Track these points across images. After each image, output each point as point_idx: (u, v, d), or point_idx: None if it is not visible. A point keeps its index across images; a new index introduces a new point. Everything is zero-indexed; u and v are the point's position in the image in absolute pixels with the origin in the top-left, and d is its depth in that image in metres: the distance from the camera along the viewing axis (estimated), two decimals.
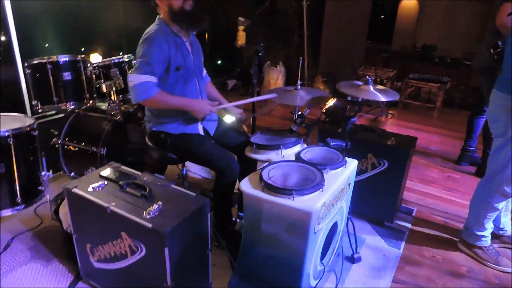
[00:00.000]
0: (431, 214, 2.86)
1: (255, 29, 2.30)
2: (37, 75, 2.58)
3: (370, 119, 5.03)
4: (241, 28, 5.44)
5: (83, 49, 4.52)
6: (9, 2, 2.95)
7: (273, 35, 5.94)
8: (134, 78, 2.06)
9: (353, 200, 2.20)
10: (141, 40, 2.12)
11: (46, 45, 4.09)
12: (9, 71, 3.20)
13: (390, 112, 5.24)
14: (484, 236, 2.34)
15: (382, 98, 1.93)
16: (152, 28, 2.16)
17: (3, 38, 3.77)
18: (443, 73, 5.83)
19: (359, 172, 2.54)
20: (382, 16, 8.90)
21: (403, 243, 2.50)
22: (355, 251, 2.28)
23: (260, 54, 2.40)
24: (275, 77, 5.67)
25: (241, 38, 5.48)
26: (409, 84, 5.49)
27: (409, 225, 2.69)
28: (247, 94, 5.61)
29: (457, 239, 2.51)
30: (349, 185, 2.03)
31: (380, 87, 2.11)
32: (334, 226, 1.98)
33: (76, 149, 2.71)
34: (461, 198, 3.10)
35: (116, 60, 2.89)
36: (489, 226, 2.34)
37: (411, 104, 5.60)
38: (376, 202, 2.59)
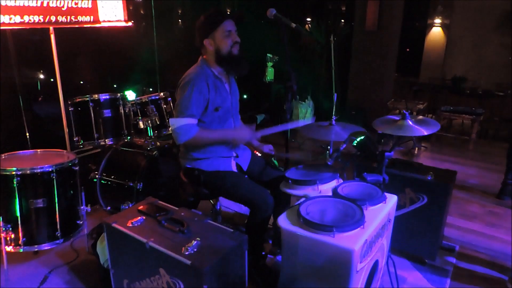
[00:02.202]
0: (475, 252, 2.72)
1: (287, 67, 2.35)
2: (80, 112, 2.71)
3: (401, 152, 4.93)
4: (269, 64, 5.55)
5: (115, 85, 4.73)
6: (54, 46, 3.14)
7: (301, 70, 6.02)
8: (175, 122, 2.14)
9: (391, 237, 2.12)
10: (182, 82, 2.19)
11: (81, 82, 4.30)
12: (51, 108, 3.37)
13: (423, 145, 5.13)
14: None
15: (424, 132, 1.89)
16: (193, 71, 2.23)
17: (41, 76, 4.00)
18: (475, 105, 5.73)
19: (397, 207, 2.46)
20: (408, 49, 8.91)
21: (448, 282, 2.36)
22: None
23: (293, 90, 2.42)
24: (304, 111, 5.69)
25: (270, 73, 5.56)
26: (441, 116, 5.39)
27: (452, 263, 2.56)
28: None
29: (506, 278, 2.36)
30: (389, 221, 1.97)
31: (420, 117, 2.07)
32: (376, 264, 1.90)
33: (113, 183, 2.77)
34: (505, 234, 2.94)
35: (153, 97, 2.99)
36: None
37: (444, 136, 5.48)
38: (416, 239, 2.49)
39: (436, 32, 8.41)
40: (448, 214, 2.87)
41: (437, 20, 8.29)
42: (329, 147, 3.10)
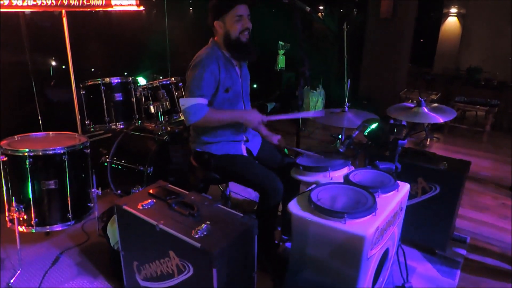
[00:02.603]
0: (486, 243, 2.68)
1: (300, 52, 2.31)
2: (91, 96, 2.71)
3: (413, 142, 4.87)
4: (281, 52, 5.50)
5: (125, 73, 4.75)
6: (66, 29, 3.13)
7: (312, 59, 5.96)
8: (186, 102, 2.12)
9: (402, 226, 2.10)
10: (193, 63, 2.17)
11: (92, 69, 4.32)
12: (64, 93, 3.38)
13: (435, 136, 5.06)
14: None
15: (439, 119, 1.85)
16: (204, 51, 2.20)
17: (54, 61, 4.02)
18: (490, 96, 5.61)
19: (409, 197, 2.43)
20: (421, 40, 8.75)
21: (458, 273, 2.34)
22: (406, 280, 2.15)
23: (306, 76, 2.39)
24: (315, 100, 5.65)
25: (281, 61, 5.53)
26: (455, 107, 5.30)
27: (463, 254, 2.53)
28: None
29: None
30: (401, 209, 1.94)
31: (435, 105, 2.02)
32: (386, 253, 1.89)
33: (124, 167, 2.77)
34: None
35: (164, 82, 2.98)
36: None
37: (457, 127, 5.39)
38: (427, 229, 2.46)
39: (452, 22, 8.23)
40: (460, 206, 2.84)
41: (453, 10, 8.11)
42: (340, 135, 3.07)
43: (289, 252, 1.87)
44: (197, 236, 1.59)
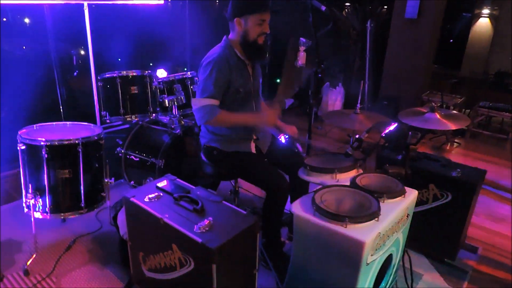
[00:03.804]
0: (498, 255, 2.61)
1: (316, 51, 2.29)
2: (108, 88, 2.78)
3: (433, 146, 4.76)
4: (302, 48, 5.45)
5: (151, 64, 4.82)
6: (88, 22, 3.20)
7: (334, 56, 5.89)
8: (198, 102, 2.16)
9: (410, 232, 2.06)
10: (204, 63, 2.19)
11: (119, 59, 4.41)
12: (85, 84, 3.47)
13: (456, 141, 4.92)
14: None
15: (451, 126, 1.81)
16: (216, 51, 2.22)
17: (77, 52, 4.13)
18: None
19: (419, 203, 2.39)
20: (451, 41, 8.49)
21: (466, 284, 2.29)
22: (410, 287, 2.12)
23: (319, 75, 2.38)
24: (334, 98, 5.60)
25: (302, 58, 5.47)
26: (479, 112, 5.13)
27: (472, 265, 2.47)
28: (303, 115, 5.58)
29: None
30: (407, 216, 1.92)
31: (454, 112, 1.97)
32: (389, 259, 1.87)
33: (137, 159, 2.83)
34: None
35: (179, 77, 3.02)
36: None
37: (480, 133, 5.23)
38: (437, 237, 2.42)
39: (483, 23, 7.94)
40: (474, 214, 2.77)
41: (485, 11, 7.83)
42: (357, 135, 3.02)
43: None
44: (199, 231, 1.62)
